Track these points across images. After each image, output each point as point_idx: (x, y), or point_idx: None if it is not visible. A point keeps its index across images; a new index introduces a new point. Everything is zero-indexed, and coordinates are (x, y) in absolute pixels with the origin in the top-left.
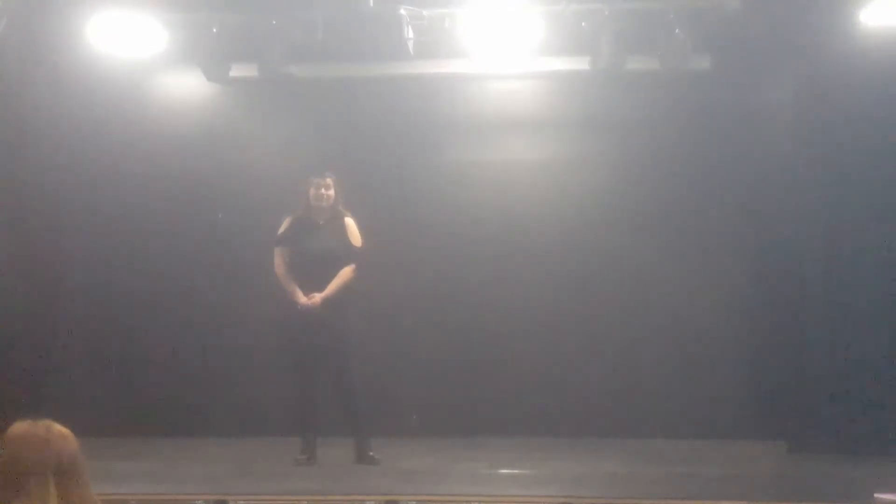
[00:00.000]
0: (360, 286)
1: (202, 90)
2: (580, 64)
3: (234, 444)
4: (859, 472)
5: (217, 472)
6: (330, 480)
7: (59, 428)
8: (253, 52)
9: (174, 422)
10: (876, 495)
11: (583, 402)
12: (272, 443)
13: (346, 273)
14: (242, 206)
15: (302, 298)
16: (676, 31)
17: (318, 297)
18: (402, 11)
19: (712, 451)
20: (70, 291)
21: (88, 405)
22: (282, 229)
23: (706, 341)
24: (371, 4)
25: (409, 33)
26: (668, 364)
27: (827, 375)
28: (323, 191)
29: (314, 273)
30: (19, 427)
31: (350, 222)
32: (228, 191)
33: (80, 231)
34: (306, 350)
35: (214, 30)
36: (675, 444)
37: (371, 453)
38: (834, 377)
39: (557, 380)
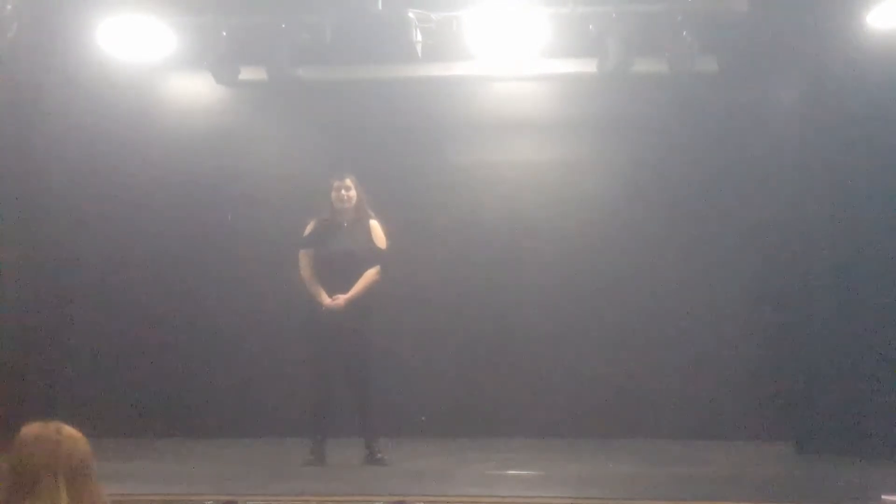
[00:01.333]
0: (384, 288)
1: (211, 93)
2: (588, 66)
3: (244, 445)
4: (868, 474)
5: (226, 473)
6: (338, 481)
7: (69, 430)
8: (262, 55)
9: (184, 422)
10: (884, 497)
11: (591, 403)
12: (281, 443)
13: (370, 275)
14: (251, 207)
15: (326, 300)
16: (684, 33)
17: (341, 299)
18: (411, 14)
19: (720, 452)
20: (79, 293)
21: (98, 406)
22: (306, 232)
23: (714, 342)
24: (379, 7)
25: (418, 36)
26: (676, 365)
27: (836, 376)
28: (343, 192)
29: (339, 275)
30: (30, 429)
31: (375, 224)
32: (237, 193)
33: (89, 233)
34: (327, 351)
35: (223, 33)
36: (682, 445)
37: (379, 455)
38: (843, 378)
39: (565, 381)
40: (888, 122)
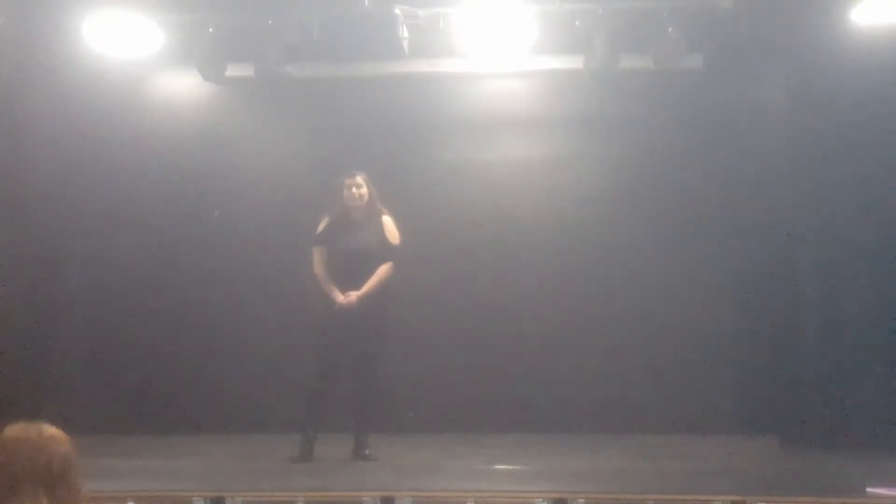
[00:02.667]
0: (400, 283)
1: (198, 90)
2: (574, 63)
3: (232, 441)
4: (851, 466)
5: (215, 469)
6: (327, 476)
7: (51, 431)
8: (249, 52)
9: (172, 419)
10: (868, 489)
11: (577, 398)
12: (270, 439)
13: (383, 271)
14: (238, 204)
15: (339, 297)
16: (669, 30)
17: (354, 296)
18: (397, 11)
19: (705, 446)
20: (68, 290)
21: (87, 403)
22: (319, 228)
23: (699, 337)
24: (366, 4)
25: (405, 33)
26: (662, 360)
27: (818, 370)
28: (354, 190)
29: (352, 271)
30: (11, 431)
31: (387, 220)
32: (224, 190)
33: (76, 229)
34: (338, 348)
35: (210, 30)
36: (668, 440)
37: (367, 450)
38: (825, 372)
39: (552, 376)
40: (874, 118)
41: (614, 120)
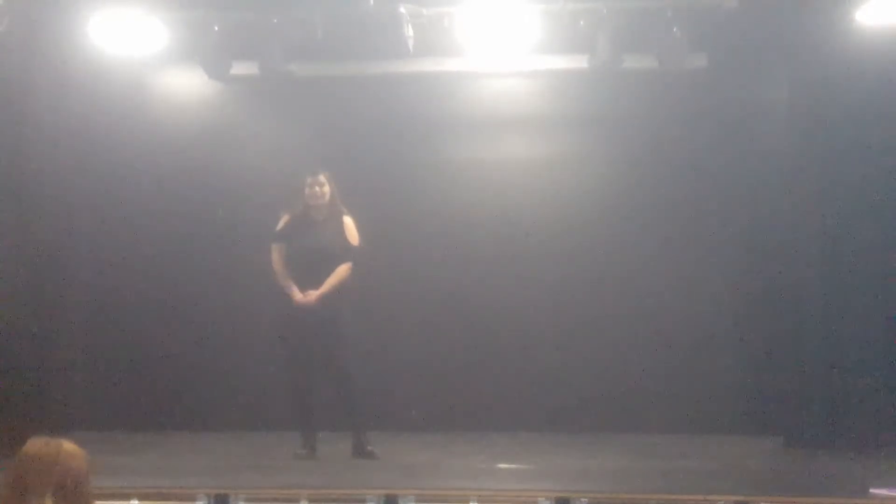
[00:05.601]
0: (358, 283)
1: (203, 88)
2: (578, 62)
3: (235, 439)
4: (855, 467)
5: (218, 466)
6: (330, 475)
7: (69, 448)
8: (254, 51)
9: (176, 416)
10: (871, 490)
11: (581, 397)
12: (273, 437)
13: (341, 271)
14: (242, 203)
15: (297, 295)
16: (674, 29)
17: (313, 295)
18: (402, 10)
19: (709, 446)
20: (72, 288)
21: (91, 400)
22: (280, 226)
23: (703, 337)
24: (371, 3)
25: (409, 31)
26: (665, 359)
27: (823, 370)
28: (317, 188)
29: (311, 270)
30: (32, 446)
31: (348, 220)
32: (229, 188)
33: (80, 228)
34: (301, 346)
35: (215, 28)
36: (672, 439)
37: (369, 448)
38: (830, 372)
39: (555, 375)
40: (877, 118)
41: (618, 119)
